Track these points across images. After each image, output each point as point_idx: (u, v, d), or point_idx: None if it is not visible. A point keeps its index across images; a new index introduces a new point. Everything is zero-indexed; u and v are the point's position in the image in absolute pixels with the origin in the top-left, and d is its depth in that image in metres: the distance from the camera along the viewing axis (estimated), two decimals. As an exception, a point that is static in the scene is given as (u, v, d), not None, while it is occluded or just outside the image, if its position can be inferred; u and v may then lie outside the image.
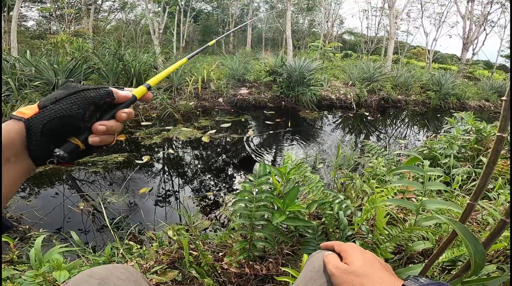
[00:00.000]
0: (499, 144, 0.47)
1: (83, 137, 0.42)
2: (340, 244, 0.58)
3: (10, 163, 0.38)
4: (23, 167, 0.40)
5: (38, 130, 0.38)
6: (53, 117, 0.39)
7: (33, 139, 0.38)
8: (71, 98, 0.41)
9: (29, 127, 0.38)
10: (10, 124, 0.38)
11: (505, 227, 0.50)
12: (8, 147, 0.37)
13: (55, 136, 0.40)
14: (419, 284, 0.43)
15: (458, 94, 8.43)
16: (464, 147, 2.53)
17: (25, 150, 0.39)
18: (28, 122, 0.38)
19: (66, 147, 0.40)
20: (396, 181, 0.97)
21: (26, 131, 0.38)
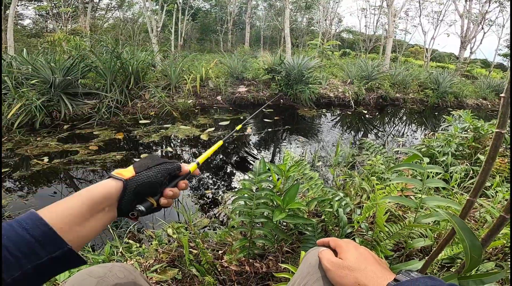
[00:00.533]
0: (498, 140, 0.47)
1: (156, 198, 0.54)
2: (335, 240, 0.59)
3: (104, 212, 0.47)
4: (110, 217, 0.49)
5: (132, 189, 0.49)
6: (144, 181, 0.51)
7: (126, 195, 0.49)
8: (157, 167, 0.54)
9: (126, 186, 0.49)
10: (110, 181, 0.49)
11: (505, 224, 0.50)
12: (107, 199, 0.47)
13: (139, 196, 0.51)
14: (410, 278, 0.43)
15: (456, 93, 8.46)
16: (462, 145, 2.54)
17: (116, 204, 0.49)
18: (126, 182, 0.49)
19: (145, 205, 0.51)
20: (396, 178, 0.97)
21: (122, 189, 0.49)
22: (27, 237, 0.38)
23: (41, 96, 4.43)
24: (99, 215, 0.46)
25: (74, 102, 4.78)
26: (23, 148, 3.50)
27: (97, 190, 0.47)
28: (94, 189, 0.47)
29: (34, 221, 0.40)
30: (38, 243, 0.38)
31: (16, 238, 0.38)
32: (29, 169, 3.01)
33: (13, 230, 0.38)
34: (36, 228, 0.39)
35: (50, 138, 3.87)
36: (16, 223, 0.39)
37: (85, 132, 4.22)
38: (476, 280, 0.58)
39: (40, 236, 0.39)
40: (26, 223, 0.39)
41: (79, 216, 0.43)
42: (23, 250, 0.37)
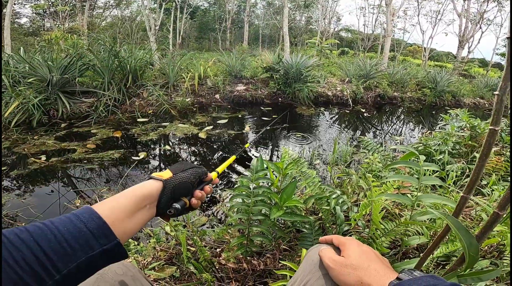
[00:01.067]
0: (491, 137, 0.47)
1: (189, 198, 0.59)
2: (338, 237, 0.59)
3: (146, 209, 0.52)
4: (151, 214, 0.53)
5: (170, 188, 0.55)
6: (181, 181, 0.57)
7: (165, 194, 0.54)
8: (190, 170, 0.60)
9: (165, 185, 0.54)
10: (151, 182, 0.54)
11: (498, 220, 0.51)
12: (149, 197, 0.52)
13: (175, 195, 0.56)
14: (412, 276, 0.44)
15: (453, 92, 8.49)
16: (459, 144, 2.56)
17: (155, 202, 0.54)
18: (165, 182, 0.55)
19: (180, 203, 0.56)
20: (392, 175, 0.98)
21: (162, 188, 0.54)
22: (84, 229, 0.40)
23: (39, 94, 4.41)
24: (142, 212, 0.50)
25: (71, 101, 4.76)
26: (20, 146, 3.49)
27: (141, 188, 0.52)
28: (138, 188, 0.52)
29: (90, 214, 0.42)
30: (93, 236, 0.40)
31: (75, 230, 0.40)
32: (26, 168, 3.00)
33: (72, 223, 0.40)
34: (91, 222, 0.41)
35: (48, 137, 3.86)
36: (74, 216, 0.41)
37: (83, 130, 4.21)
38: (474, 277, 0.59)
39: (95, 229, 0.41)
40: (83, 217, 0.42)
41: (126, 212, 0.47)
42: (81, 242, 0.39)
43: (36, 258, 0.35)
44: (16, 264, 0.34)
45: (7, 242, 0.35)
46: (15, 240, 0.36)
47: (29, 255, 0.35)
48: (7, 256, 0.34)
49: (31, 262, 0.35)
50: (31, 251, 0.35)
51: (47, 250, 0.36)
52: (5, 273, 0.33)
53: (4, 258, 0.34)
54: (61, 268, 0.37)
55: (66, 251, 0.37)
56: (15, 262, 0.34)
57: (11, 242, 0.35)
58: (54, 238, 0.37)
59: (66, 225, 0.39)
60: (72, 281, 0.39)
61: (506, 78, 0.47)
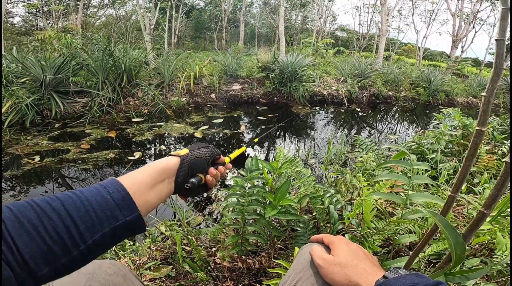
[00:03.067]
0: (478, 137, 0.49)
1: (204, 175, 0.61)
2: (328, 236, 0.60)
3: (165, 183, 0.53)
4: (169, 188, 0.54)
5: (187, 163, 0.57)
6: (197, 156, 0.59)
7: (182, 169, 0.56)
8: (206, 149, 0.63)
9: (183, 160, 0.56)
10: (169, 158, 0.56)
11: (484, 219, 0.52)
12: (167, 171, 0.53)
13: (192, 171, 0.58)
14: (398, 275, 0.45)
15: (447, 91, 8.58)
16: (451, 142, 2.59)
17: (174, 177, 0.55)
18: (183, 158, 0.57)
19: (196, 178, 0.58)
20: (384, 175, 0.99)
21: (180, 163, 0.56)
22: (110, 200, 0.41)
23: (32, 94, 4.37)
24: (161, 186, 0.52)
25: (65, 101, 4.72)
26: (13, 147, 3.46)
27: (161, 163, 0.53)
28: (157, 162, 0.53)
29: (115, 186, 0.43)
30: (117, 207, 0.41)
31: (102, 200, 0.40)
32: (20, 168, 2.97)
33: (99, 193, 0.41)
34: (117, 193, 0.42)
35: (41, 137, 3.83)
36: (101, 187, 0.42)
37: (77, 130, 4.18)
38: (461, 276, 0.60)
39: (120, 200, 0.42)
40: (109, 188, 0.42)
41: (147, 185, 0.48)
42: (107, 213, 0.40)
43: (66, 228, 0.35)
44: (47, 234, 0.34)
45: (40, 211, 0.35)
46: (47, 209, 0.36)
47: (60, 224, 0.35)
48: (38, 224, 0.34)
49: (61, 231, 0.35)
50: (61, 220, 0.35)
51: (77, 219, 0.37)
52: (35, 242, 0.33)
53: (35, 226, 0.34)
54: (87, 238, 0.37)
55: (93, 221, 0.38)
56: (45, 231, 0.34)
57: (43, 210, 0.35)
58: (83, 207, 0.38)
59: (94, 195, 0.40)
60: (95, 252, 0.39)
61: (494, 80, 0.48)
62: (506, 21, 0.49)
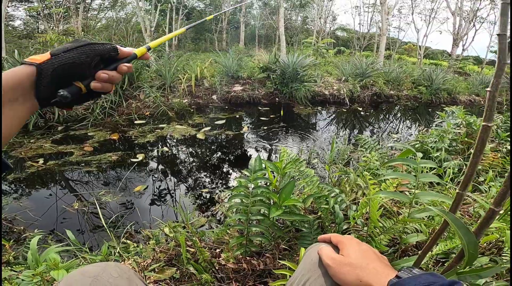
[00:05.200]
0: (484, 133, 0.48)
1: (86, 83, 0.48)
2: (337, 236, 0.59)
3: (18, 103, 0.42)
4: (28, 107, 0.44)
5: (48, 73, 0.44)
6: (63, 63, 0.45)
7: (43, 81, 0.43)
8: (81, 48, 0.47)
9: (40, 71, 0.43)
10: (20, 68, 0.43)
11: (494, 217, 0.51)
12: (17, 88, 0.42)
13: (61, 80, 0.45)
14: (412, 274, 0.44)
15: (449, 89, 8.54)
16: (455, 141, 2.58)
17: (32, 92, 0.44)
18: (40, 66, 0.43)
19: (70, 89, 0.45)
20: (389, 173, 0.98)
21: (37, 74, 0.43)
22: None
23: (34, 97, 4.38)
24: (13, 106, 0.42)
25: (68, 103, 4.73)
26: (17, 150, 3.47)
27: (5, 78, 0.41)
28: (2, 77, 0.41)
29: None
30: None
31: None
32: (24, 171, 2.98)
33: None
34: None
35: (44, 140, 3.84)
36: None
37: (80, 133, 4.19)
38: (473, 275, 0.59)
39: None
40: None
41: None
42: None
43: None
44: None
45: None
46: None
47: None
48: None
49: None
50: None
51: None
52: None
53: None
54: None
55: None
56: None
57: None
58: None
59: None
60: None
61: (498, 75, 0.48)
62: (506, 16, 0.49)
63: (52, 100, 0.45)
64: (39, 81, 0.43)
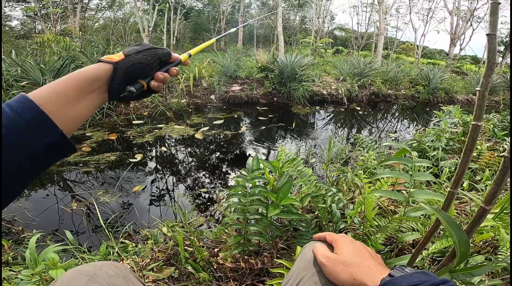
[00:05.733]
0: (474, 132, 0.49)
1: (147, 81, 0.55)
2: (331, 234, 0.59)
3: (95, 93, 0.48)
4: (101, 99, 0.50)
5: (122, 70, 0.50)
6: (135, 62, 0.52)
7: (116, 77, 0.49)
8: (147, 51, 0.54)
9: (116, 68, 0.49)
10: (99, 64, 0.49)
11: (485, 215, 0.52)
12: (96, 81, 0.47)
13: (130, 77, 0.52)
14: (404, 273, 0.45)
15: (446, 89, 8.58)
16: (452, 140, 2.59)
17: (106, 86, 0.49)
18: (116, 64, 0.49)
19: (135, 86, 0.52)
20: (386, 172, 0.99)
21: (112, 71, 0.49)
22: (19, 120, 0.35)
23: (32, 98, 4.37)
24: (90, 97, 0.47)
25: (65, 104, 4.72)
26: (14, 150, 3.46)
27: (87, 71, 0.47)
28: (83, 71, 0.46)
29: (24, 103, 0.37)
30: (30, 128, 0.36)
31: (9, 122, 0.35)
32: (21, 172, 2.97)
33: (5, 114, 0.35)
34: (27, 112, 0.36)
35: (42, 140, 3.83)
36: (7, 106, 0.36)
37: (78, 133, 4.18)
38: (465, 273, 0.60)
39: (31, 119, 0.36)
40: (17, 106, 0.36)
41: (69, 97, 0.42)
42: (17, 136, 0.35)
43: None
44: None
45: None
46: None
47: None
48: None
49: None
50: None
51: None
52: None
53: None
54: None
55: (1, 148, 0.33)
56: None
57: None
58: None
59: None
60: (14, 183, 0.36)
61: (487, 75, 0.48)
62: (496, 16, 0.50)
63: (120, 94, 0.52)
64: (114, 77, 0.49)
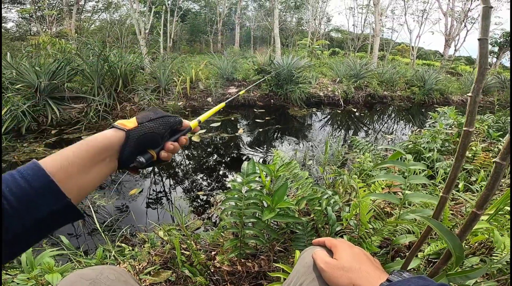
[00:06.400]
0: (466, 138, 0.49)
1: (157, 151, 0.53)
2: (330, 240, 0.60)
3: (105, 162, 0.46)
4: (111, 168, 0.48)
5: (134, 139, 0.49)
6: (147, 132, 0.51)
7: (128, 146, 0.48)
8: (160, 120, 0.54)
9: (128, 136, 0.48)
10: (112, 131, 0.48)
11: (477, 219, 0.53)
12: (108, 150, 0.46)
13: (141, 147, 0.51)
14: (402, 278, 0.45)
15: (442, 89, 8.65)
16: (447, 141, 2.62)
17: (117, 154, 0.48)
18: (129, 132, 0.49)
19: (145, 156, 0.51)
20: (381, 175, 1.00)
21: (125, 139, 0.48)
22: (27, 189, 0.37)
23: (27, 101, 4.34)
24: (100, 166, 0.46)
25: (60, 107, 4.70)
26: (10, 154, 3.43)
27: (99, 139, 0.46)
28: (95, 138, 0.46)
29: (35, 171, 0.38)
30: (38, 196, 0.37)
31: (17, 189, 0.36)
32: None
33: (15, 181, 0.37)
34: (36, 180, 0.38)
35: (37, 144, 3.80)
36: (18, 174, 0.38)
37: (74, 136, 4.16)
38: (462, 276, 0.61)
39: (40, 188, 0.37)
40: (28, 174, 0.38)
41: (80, 167, 0.42)
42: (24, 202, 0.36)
43: None
44: None
45: None
46: None
47: None
48: None
49: None
50: None
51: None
52: None
53: None
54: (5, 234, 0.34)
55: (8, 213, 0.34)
56: None
57: None
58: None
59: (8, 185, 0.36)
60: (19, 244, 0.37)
61: (479, 80, 0.49)
62: (488, 20, 0.49)
63: (130, 164, 0.50)
64: (125, 146, 0.48)
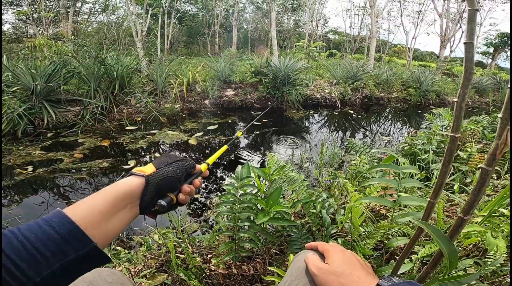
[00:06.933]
0: (452, 144, 0.49)
1: (176, 194, 0.55)
2: (323, 244, 0.60)
3: (127, 209, 0.48)
4: (133, 214, 0.50)
5: (154, 184, 0.51)
6: (165, 176, 0.53)
7: (148, 191, 0.50)
8: (176, 164, 0.56)
9: (148, 182, 0.50)
10: (132, 178, 0.50)
11: (464, 225, 0.53)
12: (130, 196, 0.48)
13: (162, 191, 0.52)
14: (391, 283, 0.46)
15: (437, 91, 8.71)
16: (443, 142, 2.63)
17: (138, 200, 0.50)
18: (148, 178, 0.50)
19: (166, 200, 0.52)
20: (374, 179, 1.01)
21: (145, 185, 0.50)
22: (54, 235, 0.38)
23: (23, 103, 4.32)
24: (123, 212, 0.47)
25: (57, 109, 4.68)
26: (6, 157, 3.41)
27: (121, 187, 0.48)
28: (117, 186, 0.48)
29: (60, 219, 0.40)
30: (64, 241, 0.39)
31: (44, 236, 0.38)
32: (13, 179, 2.94)
33: (41, 228, 0.38)
34: (62, 226, 0.39)
35: (33, 147, 3.78)
36: (43, 222, 0.39)
37: (70, 140, 4.14)
38: (454, 281, 0.61)
39: (66, 234, 0.39)
40: (53, 222, 0.39)
41: (103, 214, 0.44)
42: (51, 248, 0.38)
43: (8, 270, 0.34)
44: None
45: None
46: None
47: None
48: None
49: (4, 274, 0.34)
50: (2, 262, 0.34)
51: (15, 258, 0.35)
52: None
53: None
54: (33, 276, 0.35)
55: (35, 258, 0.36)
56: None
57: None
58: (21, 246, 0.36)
59: (34, 232, 0.38)
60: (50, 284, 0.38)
61: (465, 86, 0.49)
62: (474, 23, 0.47)
63: (151, 208, 0.51)
64: (146, 191, 0.50)
